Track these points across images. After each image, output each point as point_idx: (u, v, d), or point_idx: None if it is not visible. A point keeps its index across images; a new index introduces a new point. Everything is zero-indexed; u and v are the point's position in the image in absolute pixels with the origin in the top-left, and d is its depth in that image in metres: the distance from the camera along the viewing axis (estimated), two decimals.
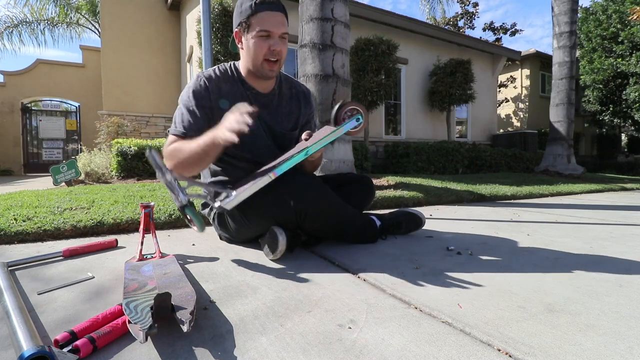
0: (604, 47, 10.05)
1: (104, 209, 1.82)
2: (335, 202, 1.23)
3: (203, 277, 1.01)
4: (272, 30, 1.15)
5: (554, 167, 6.11)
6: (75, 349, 0.60)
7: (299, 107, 1.41)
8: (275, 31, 1.16)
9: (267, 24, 1.14)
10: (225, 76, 1.26)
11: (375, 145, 6.97)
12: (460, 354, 0.61)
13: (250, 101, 1.26)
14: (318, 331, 0.70)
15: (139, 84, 7.22)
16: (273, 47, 1.16)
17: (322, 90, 2.79)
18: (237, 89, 1.27)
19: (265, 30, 1.15)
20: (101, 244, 1.32)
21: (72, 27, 10.92)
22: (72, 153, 9.59)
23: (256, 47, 1.17)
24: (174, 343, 0.65)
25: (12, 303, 0.75)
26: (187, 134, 1.16)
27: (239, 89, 1.27)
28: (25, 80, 9.20)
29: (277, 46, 1.17)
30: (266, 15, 1.14)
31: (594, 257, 1.25)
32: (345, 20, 2.88)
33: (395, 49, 6.15)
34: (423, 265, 1.12)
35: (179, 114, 1.21)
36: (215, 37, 4.53)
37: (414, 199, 2.69)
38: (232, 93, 1.25)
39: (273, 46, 1.16)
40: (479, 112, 8.90)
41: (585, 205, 2.91)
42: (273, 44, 1.16)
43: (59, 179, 3.89)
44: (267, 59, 1.19)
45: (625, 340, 0.66)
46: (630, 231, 1.74)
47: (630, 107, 9.75)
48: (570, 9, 5.89)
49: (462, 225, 1.87)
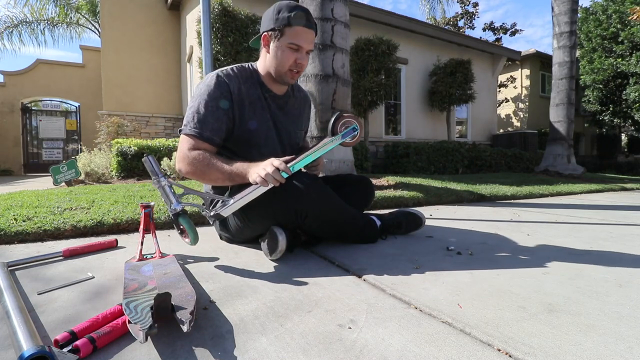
0: (604, 47, 10.06)
1: (104, 209, 1.82)
2: (335, 202, 1.24)
3: (203, 277, 1.01)
4: (303, 46, 1.21)
5: (554, 167, 6.11)
6: (75, 349, 0.60)
7: (304, 110, 1.50)
8: (305, 47, 1.21)
9: (300, 39, 1.19)
10: (245, 76, 1.27)
11: (375, 145, 6.97)
12: (460, 354, 0.61)
13: (268, 103, 1.31)
14: (318, 331, 0.69)
15: (139, 84, 7.21)
16: (299, 60, 1.22)
17: (322, 90, 2.79)
18: (255, 90, 1.28)
19: (297, 45, 1.20)
20: (101, 244, 1.32)
21: (72, 27, 10.92)
22: (72, 153, 9.60)
23: (284, 56, 1.21)
24: (174, 343, 0.65)
25: (12, 303, 0.75)
26: (203, 134, 1.16)
27: (256, 91, 1.29)
28: (25, 80, 9.20)
29: (304, 60, 1.23)
30: (301, 30, 1.19)
31: (594, 257, 1.25)
32: (345, 20, 2.88)
33: (395, 49, 6.15)
34: (423, 265, 1.12)
35: (194, 112, 1.18)
36: (215, 37, 4.53)
37: (414, 199, 2.69)
38: (251, 94, 1.27)
39: (299, 59, 1.22)
40: (479, 112, 8.90)
41: (585, 205, 2.91)
42: (300, 58, 1.22)
43: (59, 179, 3.89)
44: (291, 69, 1.24)
45: (625, 340, 0.66)
46: (630, 231, 1.74)
47: (630, 107, 9.75)
48: (570, 9, 5.89)
49: (462, 225, 1.87)
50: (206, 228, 1.72)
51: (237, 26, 4.65)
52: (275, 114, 1.33)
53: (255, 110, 1.26)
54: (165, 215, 1.75)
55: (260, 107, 1.28)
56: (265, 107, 1.29)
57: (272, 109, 1.32)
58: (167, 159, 4.20)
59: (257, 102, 1.27)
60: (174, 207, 1.07)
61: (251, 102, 1.25)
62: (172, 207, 1.07)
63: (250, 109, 1.25)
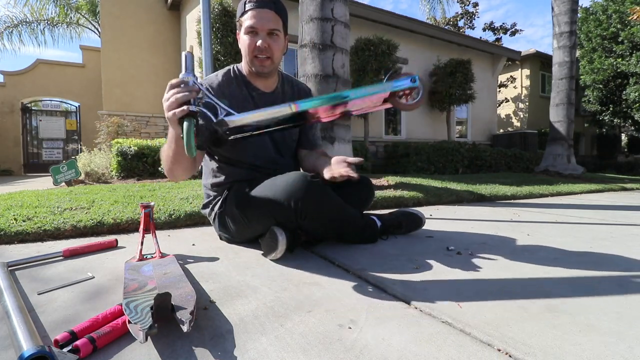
0: (604, 47, 10.06)
1: (104, 209, 1.82)
2: (336, 201, 1.24)
3: (203, 277, 1.01)
4: (257, 27, 1.16)
5: (554, 167, 6.11)
6: (75, 349, 0.60)
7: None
8: (260, 27, 1.17)
9: (253, 21, 1.16)
10: (228, 79, 1.27)
11: (375, 145, 6.97)
12: (460, 354, 0.61)
13: (255, 102, 1.28)
14: (318, 331, 0.69)
15: (139, 84, 7.21)
16: (259, 43, 1.17)
17: (322, 91, 2.78)
18: (240, 90, 1.28)
19: (251, 27, 1.17)
20: (101, 244, 1.32)
21: (72, 27, 10.91)
22: (72, 153, 9.60)
23: (245, 43, 1.20)
24: (174, 343, 0.65)
25: (12, 303, 0.75)
26: None
27: (242, 91, 1.28)
28: (25, 80, 9.20)
29: (264, 42, 1.18)
30: (253, 12, 1.16)
31: (594, 257, 1.25)
32: (345, 20, 2.88)
33: (395, 49, 6.15)
34: (423, 265, 1.12)
35: None
36: (215, 37, 4.53)
37: (414, 199, 2.69)
38: (236, 95, 1.26)
39: (259, 43, 1.17)
40: (479, 112, 8.90)
41: (585, 205, 2.91)
42: (260, 41, 1.17)
43: (59, 179, 3.89)
44: (256, 56, 1.21)
45: (625, 340, 0.66)
46: (630, 231, 1.74)
47: (630, 107, 9.75)
48: (570, 9, 5.89)
49: (462, 225, 1.87)
50: (206, 228, 1.72)
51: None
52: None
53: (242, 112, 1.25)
54: (165, 215, 1.75)
55: (247, 108, 1.25)
56: (252, 107, 1.26)
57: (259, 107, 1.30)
58: None
59: (243, 102, 1.26)
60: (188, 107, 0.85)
61: (237, 103, 1.23)
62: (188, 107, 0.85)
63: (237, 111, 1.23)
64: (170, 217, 1.75)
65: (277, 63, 1.28)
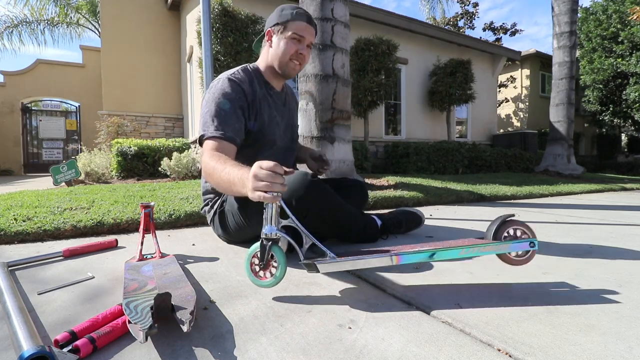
0: (604, 47, 10.06)
1: (104, 209, 1.82)
2: (336, 201, 1.24)
3: (203, 277, 1.01)
4: (305, 37, 1.28)
5: (554, 167, 6.11)
6: (75, 349, 0.60)
7: (295, 105, 1.59)
8: (306, 38, 1.29)
9: (302, 31, 1.28)
10: (250, 78, 1.31)
11: (375, 145, 6.97)
12: (460, 354, 0.61)
13: (273, 100, 1.37)
14: (318, 331, 0.69)
15: (139, 84, 7.21)
16: (301, 51, 1.29)
17: (322, 90, 2.79)
18: (261, 89, 1.33)
19: (299, 35, 1.27)
20: (101, 244, 1.32)
21: (72, 27, 10.92)
22: (72, 153, 9.61)
23: (287, 46, 1.27)
24: (174, 343, 0.65)
25: (12, 303, 0.75)
26: (226, 134, 1.15)
27: (262, 90, 1.33)
28: (25, 80, 9.20)
29: (305, 51, 1.30)
30: (303, 24, 1.27)
31: (594, 257, 1.25)
32: (345, 20, 2.88)
33: (395, 49, 6.14)
34: (423, 265, 1.12)
35: (212, 115, 1.17)
36: (215, 37, 4.52)
37: (414, 199, 2.69)
38: (258, 95, 1.31)
39: (301, 50, 1.29)
40: (479, 112, 8.89)
41: (585, 205, 2.91)
42: (301, 49, 1.29)
43: (59, 179, 3.89)
44: (292, 59, 1.30)
45: (625, 340, 0.66)
46: (630, 231, 1.74)
47: (630, 107, 9.75)
48: (570, 9, 5.89)
49: (462, 225, 1.87)
50: (206, 228, 1.72)
51: (237, 26, 4.64)
52: (280, 110, 1.40)
53: (265, 109, 1.32)
54: (165, 215, 1.75)
55: (267, 106, 1.33)
56: (272, 105, 1.35)
57: (277, 105, 1.39)
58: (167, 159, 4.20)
59: (264, 100, 1.33)
60: (271, 231, 0.84)
61: (260, 101, 1.30)
62: (269, 229, 0.85)
63: (261, 108, 1.30)
64: (170, 217, 1.75)
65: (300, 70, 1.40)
